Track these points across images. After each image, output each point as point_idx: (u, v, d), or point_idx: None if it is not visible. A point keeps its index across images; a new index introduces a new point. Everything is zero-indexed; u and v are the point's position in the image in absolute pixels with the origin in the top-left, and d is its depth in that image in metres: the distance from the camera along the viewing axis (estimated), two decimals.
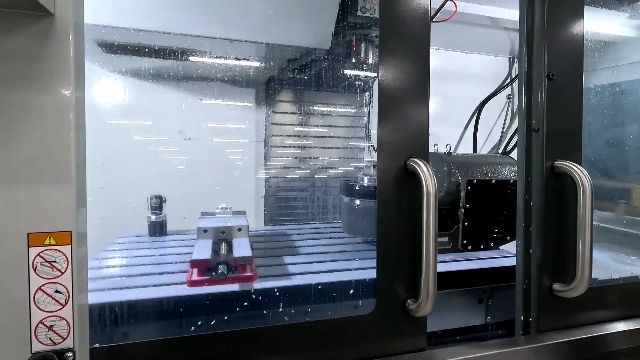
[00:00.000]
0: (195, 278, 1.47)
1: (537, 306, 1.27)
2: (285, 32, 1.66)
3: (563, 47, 1.28)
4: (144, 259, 1.81)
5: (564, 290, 1.25)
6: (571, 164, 1.24)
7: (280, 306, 1.43)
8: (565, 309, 1.30)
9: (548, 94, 1.26)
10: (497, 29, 2.85)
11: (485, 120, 3.58)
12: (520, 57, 1.32)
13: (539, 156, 1.27)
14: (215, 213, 2.04)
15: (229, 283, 1.46)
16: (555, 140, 1.27)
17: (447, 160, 2.07)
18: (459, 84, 3.52)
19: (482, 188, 1.91)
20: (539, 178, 1.27)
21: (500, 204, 1.94)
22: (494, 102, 3.61)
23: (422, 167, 1.15)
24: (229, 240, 1.70)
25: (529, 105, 1.29)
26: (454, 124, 3.54)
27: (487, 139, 3.68)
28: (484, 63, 3.50)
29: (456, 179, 1.97)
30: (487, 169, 2.07)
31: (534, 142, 1.28)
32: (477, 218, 1.92)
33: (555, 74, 1.26)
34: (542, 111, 1.26)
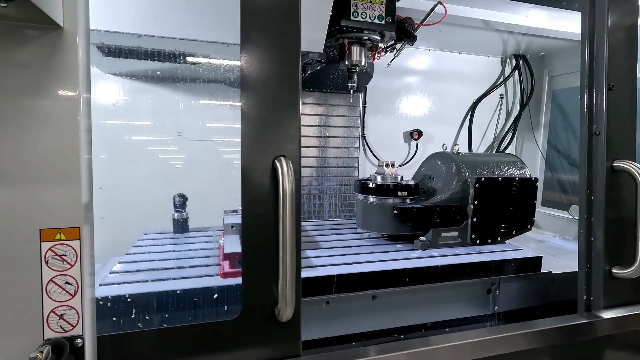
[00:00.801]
0: (227, 270, 1.56)
1: (598, 287, 1.43)
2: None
3: (622, 60, 1.42)
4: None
5: (623, 272, 1.39)
6: (630, 162, 1.38)
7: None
8: (623, 289, 1.44)
9: (608, 102, 1.40)
10: (489, 31, 2.72)
11: (479, 120, 3.44)
12: (582, 68, 1.46)
13: (599, 156, 1.42)
14: (239, 210, 2.14)
15: None
16: (615, 142, 1.41)
17: (456, 159, 2.15)
18: (452, 84, 3.38)
19: (490, 185, 2.01)
20: (600, 175, 1.42)
21: (506, 201, 2.04)
22: (488, 102, 3.41)
23: (284, 165, 1.05)
24: None
25: (590, 112, 1.44)
26: (448, 123, 3.43)
27: (482, 139, 3.50)
28: (476, 63, 3.38)
29: (465, 177, 2.07)
30: (495, 167, 2.14)
31: (595, 144, 1.43)
32: (485, 214, 2.03)
33: (615, 85, 1.40)
34: (603, 117, 1.40)
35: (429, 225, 2.01)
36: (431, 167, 2.28)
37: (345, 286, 1.62)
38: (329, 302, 1.65)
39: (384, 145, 3.31)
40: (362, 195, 2.12)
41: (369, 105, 3.22)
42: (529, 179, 2.07)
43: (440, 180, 2.16)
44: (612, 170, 1.40)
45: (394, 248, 2.01)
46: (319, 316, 1.65)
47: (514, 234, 2.09)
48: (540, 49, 3.24)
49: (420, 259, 1.85)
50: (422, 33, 2.86)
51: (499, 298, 1.91)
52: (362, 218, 2.17)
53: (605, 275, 1.41)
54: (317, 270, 1.64)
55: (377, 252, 1.94)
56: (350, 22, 1.85)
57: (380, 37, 2.02)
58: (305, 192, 3.07)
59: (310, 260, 1.78)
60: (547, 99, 3.32)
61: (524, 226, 2.10)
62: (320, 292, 1.58)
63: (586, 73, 1.45)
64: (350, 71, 2.10)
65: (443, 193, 2.08)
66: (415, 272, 1.72)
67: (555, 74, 3.24)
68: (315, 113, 3.07)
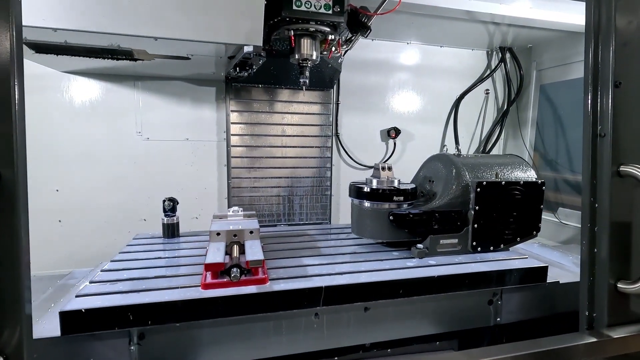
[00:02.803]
0: (209, 281, 1.50)
1: (602, 302, 1.32)
2: (209, 29, 1.60)
3: (630, 55, 1.29)
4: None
5: (630, 287, 1.28)
6: (638, 167, 1.26)
7: None
8: (629, 306, 1.33)
9: (614, 101, 1.28)
10: (472, 22, 2.63)
11: (464, 118, 3.36)
12: (586, 63, 1.33)
13: (604, 160, 1.30)
14: (227, 215, 2.03)
15: (241, 285, 1.49)
16: (621, 144, 1.30)
17: (456, 161, 2.00)
18: (433, 79, 3.28)
19: (492, 189, 1.89)
20: (604, 181, 1.30)
21: (510, 205, 1.92)
22: (473, 98, 3.34)
23: None
24: (242, 243, 1.73)
25: (594, 112, 1.31)
26: (429, 121, 3.34)
27: (472, 138, 3.44)
28: (459, 57, 3.27)
29: (465, 181, 1.94)
30: (498, 170, 2.00)
31: (599, 147, 1.31)
32: (487, 220, 1.91)
33: (622, 82, 1.28)
34: (609, 118, 1.29)
35: (427, 231, 1.90)
36: (431, 170, 2.15)
37: (335, 298, 1.55)
38: (317, 314, 1.59)
39: (359, 144, 3.17)
40: (357, 200, 2.03)
41: (342, 102, 3.05)
42: (534, 183, 1.95)
43: (440, 183, 2.03)
44: (618, 175, 1.29)
45: (390, 256, 1.90)
46: (306, 328, 1.59)
47: (518, 240, 1.99)
48: (527, 41, 3.13)
49: (416, 268, 1.74)
50: (400, 25, 2.72)
51: (501, 309, 1.82)
52: (357, 224, 2.09)
53: (610, 290, 1.30)
54: (306, 281, 1.56)
55: (372, 260, 1.85)
56: (292, 12, 1.73)
57: (331, 28, 1.86)
58: (274, 194, 2.90)
59: (300, 270, 1.70)
60: (535, 93, 3.23)
61: (529, 232, 1.99)
62: (307, 305, 1.51)
63: (590, 69, 1.32)
64: (301, 65, 1.96)
65: (442, 197, 1.96)
66: (410, 284, 1.62)
67: (544, 67, 3.15)
68: (284, 111, 2.89)
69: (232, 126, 2.81)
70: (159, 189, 2.80)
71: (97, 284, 1.52)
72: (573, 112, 2.88)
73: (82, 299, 1.39)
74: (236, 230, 1.74)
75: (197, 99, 2.81)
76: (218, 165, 2.91)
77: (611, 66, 1.28)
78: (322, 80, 2.78)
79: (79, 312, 1.30)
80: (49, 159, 2.59)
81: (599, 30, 1.31)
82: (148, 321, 1.36)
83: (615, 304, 1.31)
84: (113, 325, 1.33)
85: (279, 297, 1.48)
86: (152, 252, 1.96)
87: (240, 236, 1.74)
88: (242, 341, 1.53)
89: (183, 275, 1.61)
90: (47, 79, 2.52)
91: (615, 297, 1.30)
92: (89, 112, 2.64)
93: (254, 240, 1.74)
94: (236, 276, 1.45)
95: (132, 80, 2.67)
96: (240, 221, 1.93)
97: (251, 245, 1.67)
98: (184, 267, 1.71)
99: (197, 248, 2.00)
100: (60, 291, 1.82)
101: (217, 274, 1.51)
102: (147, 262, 1.78)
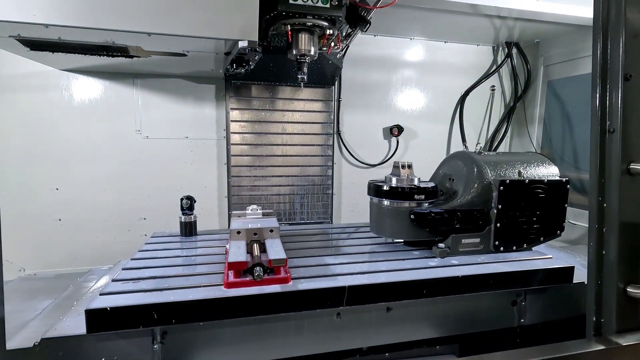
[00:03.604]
0: (232, 280, 1.48)
1: (610, 307, 1.27)
2: (202, 24, 1.56)
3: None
4: None
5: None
6: None
7: None
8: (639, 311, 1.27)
9: (624, 95, 1.22)
10: (478, 16, 2.55)
11: (470, 115, 3.28)
12: (594, 55, 1.27)
13: (613, 157, 1.25)
14: (246, 214, 2.03)
15: (264, 285, 1.48)
16: (632, 141, 1.24)
17: (477, 159, 1.95)
18: (437, 76, 3.21)
19: (516, 188, 1.85)
20: (614, 179, 1.25)
21: (534, 204, 1.88)
22: (478, 95, 3.26)
23: None
24: (262, 242, 1.74)
25: (603, 107, 1.25)
26: (432, 118, 3.27)
27: (479, 136, 3.36)
28: (464, 53, 3.19)
29: (487, 179, 1.90)
30: (520, 168, 1.95)
31: (608, 144, 1.25)
32: (510, 219, 1.87)
33: (633, 75, 1.22)
34: (619, 112, 1.23)
35: (449, 230, 1.87)
36: (451, 168, 2.11)
37: (358, 298, 1.53)
38: (339, 314, 1.58)
39: (361, 143, 3.12)
40: (376, 198, 1.99)
41: (343, 99, 3.00)
42: (558, 181, 1.90)
43: (461, 182, 1.99)
44: (628, 173, 1.23)
45: (410, 255, 1.87)
46: (329, 329, 1.59)
47: (542, 240, 1.94)
48: (534, 35, 3.04)
49: (439, 268, 1.71)
50: (402, 20, 2.66)
51: (525, 310, 1.79)
52: (376, 223, 2.05)
53: (619, 294, 1.25)
54: (329, 281, 1.55)
55: (393, 259, 1.83)
56: (288, 6, 1.68)
57: (329, 22, 1.81)
58: (274, 193, 2.87)
59: (321, 269, 1.68)
60: (542, 89, 3.14)
61: (553, 232, 1.94)
62: (330, 304, 1.50)
63: (599, 62, 1.26)
64: (299, 62, 1.92)
65: (464, 196, 1.92)
66: (434, 284, 1.59)
67: (551, 63, 3.06)
68: (284, 109, 2.85)
69: (232, 124, 2.78)
70: (159, 187, 2.78)
71: (120, 282, 1.52)
72: (582, 109, 2.79)
73: (107, 297, 1.39)
74: (256, 228, 1.75)
75: (197, 96, 2.79)
76: (218, 163, 2.88)
77: (621, 59, 1.22)
78: (323, 77, 2.73)
79: (105, 310, 1.30)
80: (49, 157, 2.58)
81: (608, 22, 1.25)
82: (172, 320, 1.36)
83: (625, 309, 1.25)
84: (138, 324, 1.34)
85: (302, 296, 1.47)
86: (171, 250, 1.96)
87: (260, 235, 1.76)
88: (262, 340, 1.53)
89: (204, 274, 1.61)
90: (46, 77, 2.52)
91: (625, 302, 1.25)
92: (89, 110, 2.62)
93: (274, 239, 1.75)
94: (260, 275, 1.45)
95: (131, 78, 2.66)
96: (259, 220, 1.93)
97: (272, 244, 1.67)
98: (204, 266, 1.71)
99: (215, 247, 2.00)
100: (78, 289, 1.84)
101: (240, 273, 1.51)
102: (168, 261, 1.78)
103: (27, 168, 2.55)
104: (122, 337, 1.37)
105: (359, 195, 3.15)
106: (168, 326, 1.39)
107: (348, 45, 2.20)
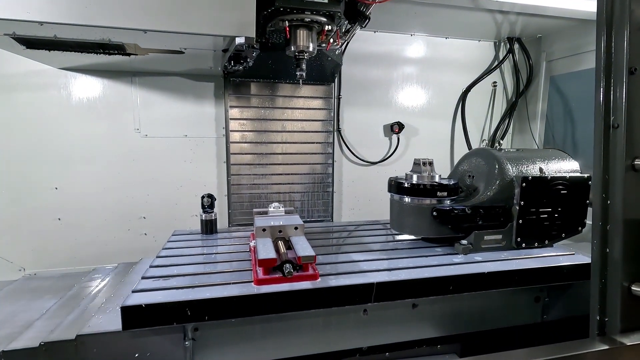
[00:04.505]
0: (262, 277, 1.50)
1: (614, 306, 1.25)
2: (199, 21, 1.55)
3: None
4: None
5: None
6: None
7: None
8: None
9: (629, 89, 1.20)
10: (479, 11, 2.51)
11: (472, 112, 3.25)
12: (598, 50, 1.24)
13: (617, 153, 1.22)
14: (269, 212, 2.05)
15: (294, 281, 1.50)
16: (636, 136, 1.21)
17: (498, 156, 1.96)
18: (438, 72, 3.17)
19: (538, 185, 1.85)
20: (618, 175, 1.22)
21: (556, 201, 1.88)
22: (480, 91, 3.23)
23: None
24: (286, 239, 1.76)
25: (607, 101, 1.23)
26: (433, 115, 3.23)
27: (482, 132, 3.32)
28: (466, 49, 3.15)
29: (509, 176, 1.91)
30: (541, 164, 1.96)
31: (612, 139, 1.23)
32: (532, 215, 1.87)
33: (638, 68, 1.20)
34: (623, 107, 1.20)
35: (471, 227, 1.87)
36: (471, 165, 2.12)
37: (385, 294, 1.55)
38: (366, 310, 1.61)
39: (362, 140, 3.10)
40: (398, 195, 2.01)
41: (344, 96, 2.98)
42: (580, 177, 1.90)
43: (482, 178, 2.00)
44: (633, 169, 1.21)
45: (433, 252, 1.90)
46: (356, 325, 1.62)
47: (564, 236, 1.96)
48: (537, 30, 3.00)
49: (464, 264, 1.73)
50: (402, 15, 2.63)
51: (548, 307, 1.83)
52: (397, 219, 2.07)
53: (624, 293, 1.23)
54: (358, 277, 1.57)
55: (416, 256, 1.85)
56: (286, 1, 1.67)
57: (328, 18, 1.79)
58: (274, 191, 2.85)
59: (347, 266, 1.71)
60: (545, 85, 3.10)
61: (575, 228, 1.95)
62: (359, 301, 1.53)
63: (603, 56, 1.23)
64: (297, 58, 1.90)
65: (485, 193, 1.93)
66: (461, 280, 1.61)
67: (554, 58, 3.02)
68: (284, 106, 2.83)
69: (231, 122, 2.76)
70: (158, 186, 2.77)
71: (150, 279, 1.55)
72: (585, 104, 2.76)
73: (140, 294, 1.42)
74: (281, 226, 1.77)
75: (196, 94, 2.77)
76: (217, 161, 2.86)
77: (626, 52, 1.19)
78: (323, 74, 2.71)
79: (140, 307, 1.33)
80: (48, 157, 2.57)
81: (612, 16, 1.22)
82: (205, 316, 1.38)
83: (629, 308, 1.23)
84: (172, 320, 1.36)
85: (332, 292, 1.49)
86: (194, 248, 1.99)
87: (285, 232, 1.78)
88: (290, 337, 1.57)
89: (231, 272, 1.63)
90: (44, 76, 2.50)
91: (629, 301, 1.22)
92: (87, 108, 2.61)
93: (299, 236, 1.76)
94: (290, 272, 1.47)
95: (129, 76, 2.64)
96: (282, 217, 1.95)
97: (298, 241, 1.68)
98: (229, 263, 1.73)
99: (237, 244, 2.03)
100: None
101: (269, 270, 1.52)
102: (193, 259, 1.81)
103: (26, 167, 2.54)
104: (155, 333, 1.42)
105: (359, 193, 3.13)
106: (199, 323, 1.42)
107: (348, 41, 2.17)
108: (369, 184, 3.12)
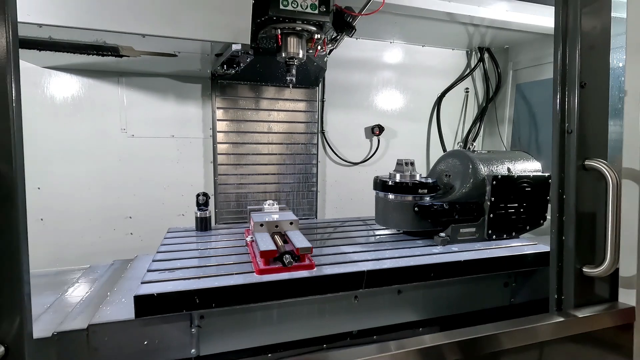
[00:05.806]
0: (263, 267, 1.63)
1: (569, 285, 1.42)
2: (198, 27, 1.64)
3: (594, 58, 1.39)
4: None
5: (594, 271, 1.39)
6: (600, 161, 1.36)
7: None
8: (593, 288, 1.45)
9: (580, 100, 1.38)
10: (454, 23, 2.76)
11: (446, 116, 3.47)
12: (555, 65, 1.42)
13: (571, 155, 1.39)
14: (264, 208, 2.18)
15: (293, 271, 1.63)
16: (586, 140, 1.39)
17: (472, 157, 2.18)
18: (416, 77, 3.38)
19: (506, 183, 2.07)
20: (571, 174, 1.40)
21: (521, 197, 2.12)
22: (454, 97, 3.46)
23: None
24: (282, 233, 1.90)
25: (562, 110, 1.41)
26: (412, 118, 3.43)
27: (456, 135, 3.54)
28: (441, 56, 3.39)
29: (482, 175, 2.13)
30: (508, 165, 2.21)
31: (567, 143, 1.40)
32: (501, 210, 2.10)
33: (587, 83, 1.38)
34: (575, 115, 1.38)
35: (448, 221, 2.07)
36: (448, 165, 2.33)
37: (375, 281, 1.71)
38: (357, 296, 1.77)
39: (345, 141, 3.24)
40: (382, 192, 2.20)
41: (327, 99, 3.11)
42: (542, 176, 2.15)
43: (458, 177, 2.21)
44: (584, 168, 1.39)
45: (415, 244, 2.08)
46: (347, 311, 1.78)
47: (528, 229, 2.20)
48: (504, 42, 3.26)
49: (442, 254, 1.93)
50: (383, 24, 2.80)
51: (516, 291, 2.06)
52: (382, 215, 2.26)
53: (576, 274, 1.41)
54: (349, 266, 1.73)
55: (401, 247, 2.02)
56: (279, 11, 1.79)
57: (317, 27, 1.94)
58: (260, 191, 2.94)
59: (339, 257, 1.86)
60: (512, 92, 3.37)
61: (538, 222, 2.20)
62: (350, 287, 1.68)
63: (559, 70, 1.41)
64: (287, 64, 2.04)
65: (461, 190, 2.14)
66: (441, 268, 1.80)
67: (520, 67, 3.29)
68: (270, 108, 2.93)
69: (218, 123, 2.82)
70: (145, 186, 2.79)
71: (156, 272, 1.64)
72: (547, 111, 3.03)
73: (149, 285, 1.51)
74: (277, 221, 1.92)
75: (183, 95, 2.81)
76: (204, 162, 2.92)
77: (577, 68, 1.37)
78: (308, 78, 2.82)
79: (152, 296, 1.42)
80: (30, 156, 2.53)
81: (567, 34, 1.40)
82: (212, 304, 1.49)
83: (581, 286, 1.42)
84: (181, 308, 1.46)
85: (327, 280, 1.64)
86: (191, 244, 2.09)
87: (281, 227, 1.92)
88: (289, 323, 1.70)
89: (232, 264, 1.75)
90: (26, 74, 2.45)
91: (581, 281, 1.41)
92: (72, 108, 2.59)
93: (294, 230, 1.90)
94: (290, 262, 1.60)
95: (116, 76, 2.65)
96: (277, 213, 2.10)
97: (294, 235, 1.82)
98: (228, 257, 1.85)
99: (232, 240, 2.16)
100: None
101: (269, 261, 1.65)
102: (192, 253, 1.92)
103: None
104: (164, 321, 1.50)
105: (342, 192, 3.27)
106: (204, 310, 1.52)
107: (334, 48, 2.31)
108: (351, 184, 3.26)
